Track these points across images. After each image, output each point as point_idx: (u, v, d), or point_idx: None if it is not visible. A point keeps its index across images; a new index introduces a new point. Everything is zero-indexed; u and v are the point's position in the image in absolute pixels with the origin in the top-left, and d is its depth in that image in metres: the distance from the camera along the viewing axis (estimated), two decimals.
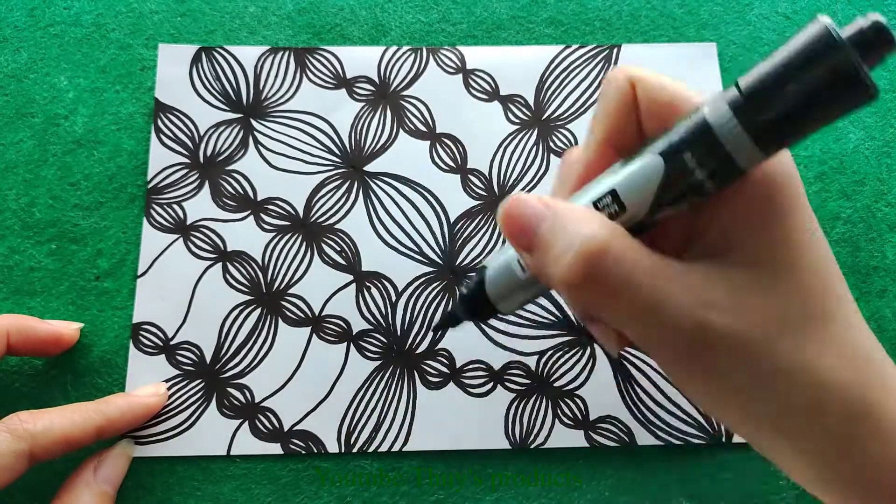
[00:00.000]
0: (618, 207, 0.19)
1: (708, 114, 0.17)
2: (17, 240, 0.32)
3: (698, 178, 0.18)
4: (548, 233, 0.19)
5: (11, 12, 0.36)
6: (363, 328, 0.32)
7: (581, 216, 0.19)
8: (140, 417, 0.29)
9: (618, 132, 0.21)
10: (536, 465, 0.30)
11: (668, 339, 0.19)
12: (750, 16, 0.37)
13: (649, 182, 0.18)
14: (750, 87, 0.16)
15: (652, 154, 0.18)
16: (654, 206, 0.19)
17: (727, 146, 0.17)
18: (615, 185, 0.19)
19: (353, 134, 0.34)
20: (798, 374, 0.18)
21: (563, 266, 0.19)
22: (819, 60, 0.15)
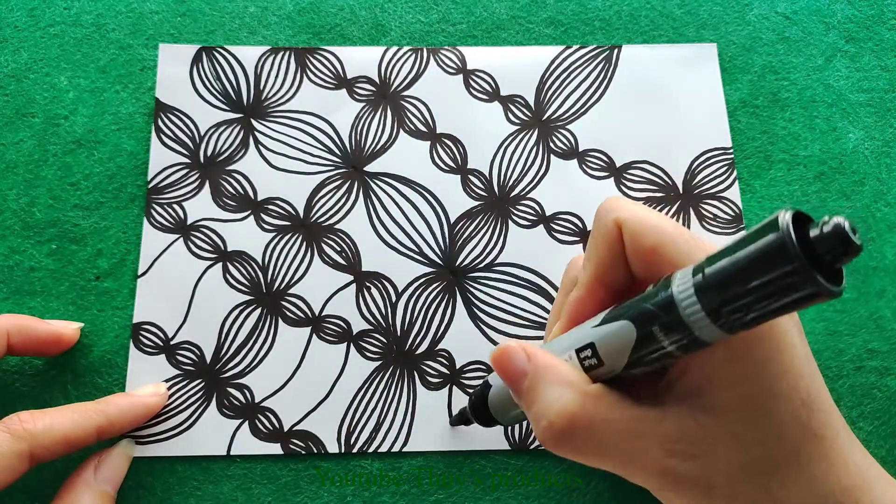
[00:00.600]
0: (596, 361, 0.21)
1: (675, 291, 0.18)
2: (17, 240, 0.32)
3: (665, 347, 0.19)
4: (528, 390, 0.21)
5: (11, 12, 0.36)
6: (363, 328, 0.32)
7: (558, 377, 0.21)
8: (140, 417, 0.29)
9: (607, 272, 0.22)
10: (536, 465, 0.30)
11: (638, 479, 0.21)
12: (750, 16, 0.37)
13: (623, 345, 0.20)
14: (711, 273, 0.17)
15: (625, 320, 0.20)
16: (629, 365, 0.20)
17: (690, 324, 0.18)
18: (595, 339, 0.21)
19: (354, 134, 0.34)
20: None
21: (540, 429, 0.21)
22: (772, 267, 0.15)
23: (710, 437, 0.20)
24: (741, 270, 0.16)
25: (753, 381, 0.19)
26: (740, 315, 0.17)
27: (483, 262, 0.33)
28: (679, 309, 0.18)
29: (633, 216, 0.21)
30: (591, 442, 0.20)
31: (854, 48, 0.37)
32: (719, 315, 0.17)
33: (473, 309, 0.32)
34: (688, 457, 0.20)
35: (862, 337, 0.32)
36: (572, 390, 0.20)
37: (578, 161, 0.34)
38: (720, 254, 0.17)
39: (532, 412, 0.21)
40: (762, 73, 0.36)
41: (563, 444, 0.20)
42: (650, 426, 0.20)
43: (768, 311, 0.16)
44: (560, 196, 0.34)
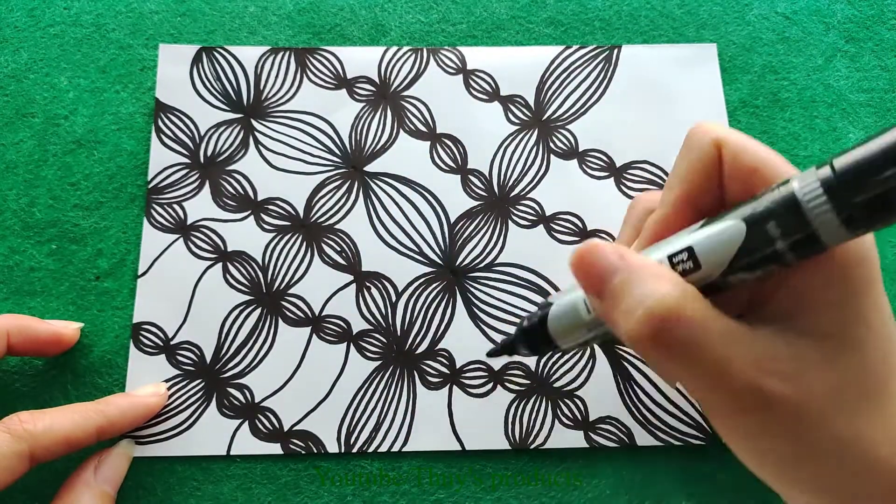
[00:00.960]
0: (692, 264, 0.19)
1: (797, 188, 0.17)
2: (17, 240, 0.32)
3: (778, 249, 0.18)
4: (620, 285, 0.20)
5: (11, 12, 0.36)
6: (363, 328, 0.32)
7: (655, 273, 0.19)
8: (140, 417, 0.29)
9: (699, 192, 0.21)
10: (536, 465, 0.30)
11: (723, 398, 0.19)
12: (750, 16, 0.37)
13: (729, 244, 0.19)
14: (844, 168, 0.16)
15: (735, 219, 0.19)
16: (729, 269, 0.19)
17: (813, 223, 0.17)
18: (693, 243, 0.20)
19: (354, 134, 0.34)
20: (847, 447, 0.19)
21: (633, 322, 0.19)
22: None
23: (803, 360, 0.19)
24: (875, 159, 0.15)
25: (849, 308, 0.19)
26: (873, 212, 0.16)
27: (483, 262, 0.33)
28: (802, 204, 0.17)
29: (733, 136, 0.21)
30: (688, 340, 0.18)
31: (854, 48, 0.37)
32: (848, 208, 0.16)
33: (473, 309, 0.32)
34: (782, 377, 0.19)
35: None
36: (672, 284, 0.19)
37: (578, 161, 0.34)
38: (849, 150, 0.16)
39: (623, 307, 0.19)
40: (762, 73, 0.36)
41: (657, 339, 0.19)
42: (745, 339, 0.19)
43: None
44: (560, 196, 0.34)
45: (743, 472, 0.30)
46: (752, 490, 0.30)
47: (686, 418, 0.30)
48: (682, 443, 0.30)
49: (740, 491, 0.29)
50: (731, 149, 0.21)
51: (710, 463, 0.30)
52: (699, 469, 0.30)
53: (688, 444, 0.30)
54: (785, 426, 0.19)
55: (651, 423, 0.30)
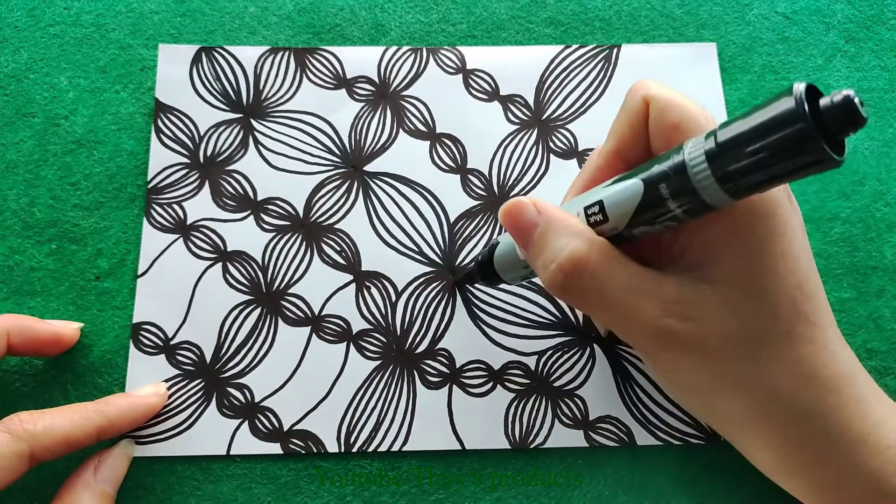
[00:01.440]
0: (602, 217, 0.21)
1: (686, 155, 0.19)
2: (17, 240, 0.32)
3: (670, 208, 0.19)
4: (538, 239, 0.22)
5: (11, 12, 0.36)
6: (363, 328, 0.32)
7: (567, 227, 0.22)
8: (140, 417, 0.29)
9: (627, 145, 0.23)
10: (536, 465, 0.30)
11: (635, 338, 0.22)
12: (750, 16, 0.37)
13: (629, 201, 0.20)
14: (723, 139, 0.18)
15: (636, 178, 0.20)
16: (631, 223, 0.21)
17: (697, 187, 0.18)
18: (604, 197, 0.21)
19: (353, 134, 0.34)
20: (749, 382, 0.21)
21: (547, 274, 0.22)
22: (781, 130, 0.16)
23: (707, 304, 0.21)
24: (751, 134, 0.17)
25: (754, 258, 0.20)
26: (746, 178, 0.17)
27: None
28: (688, 171, 0.18)
29: (661, 94, 0.22)
30: (596, 289, 0.21)
31: (854, 48, 0.37)
32: (726, 178, 0.18)
33: (473, 308, 0.32)
34: (684, 318, 0.21)
35: (861, 337, 0.32)
36: (581, 238, 0.21)
37: (578, 161, 0.34)
38: (732, 121, 0.18)
39: (541, 260, 0.22)
40: (762, 73, 0.36)
41: (568, 289, 0.21)
42: (652, 286, 0.21)
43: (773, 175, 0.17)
44: (560, 196, 0.34)
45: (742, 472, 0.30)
46: (751, 490, 0.30)
47: (686, 418, 0.30)
48: (681, 442, 0.30)
49: (740, 491, 0.29)
50: (657, 105, 0.22)
51: (709, 463, 0.30)
52: (699, 469, 0.30)
53: (688, 444, 0.30)
54: (692, 361, 0.21)
55: (651, 423, 0.30)
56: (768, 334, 0.21)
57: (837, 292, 0.33)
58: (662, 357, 0.22)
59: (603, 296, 0.21)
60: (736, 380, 0.21)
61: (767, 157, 0.17)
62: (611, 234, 0.22)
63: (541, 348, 0.31)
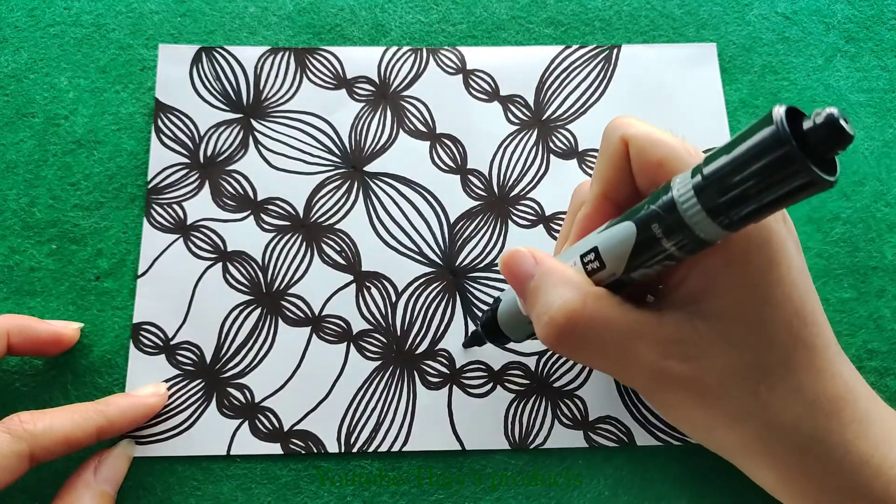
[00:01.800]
0: (599, 264, 0.21)
1: (675, 192, 0.18)
2: (17, 240, 0.32)
3: (666, 248, 0.19)
4: (534, 289, 0.22)
5: (11, 12, 0.36)
6: (363, 328, 0.32)
7: (561, 279, 0.21)
8: (140, 417, 0.29)
9: (613, 187, 0.23)
10: (536, 465, 0.30)
11: (634, 382, 0.22)
12: (750, 16, 0.37)
13: (623, 245, 0.20)
14: (709, 172, 0.17)
15: (628, 221, 0.20)
16: (629, 267, 0.20)
17: (689, 223, 0.18)
18: (598, 243, 0.21)
19: (354, 134, 0.34)
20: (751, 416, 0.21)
21: (541, 327, 0.21)
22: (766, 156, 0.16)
23: (705, 341, 0.20)
24: (737, 164, 0.16)
25: (749, 288, 0.20)
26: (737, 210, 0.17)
27: (483, 262, 0.33)
28: (678, 208, 0.18)
29: (638, 132, 0.22)
30: (591, 339, 0.21)
31: (854, 48, 0.37)
32: (717, 211, 0.17)
33: (473, 309, 0.32)
34: (683, 358, 0.20)
35: (861, 337, 0.32)
36: (574, 290, 0.21)
37: (578, 161, 0.34)
38: (716, 153, 0.17)
39: (535, 311, 0.22)
40: (762, 73, 0.36)
41: (563, 341, 0.21)
42: (648, 328, 0.21)
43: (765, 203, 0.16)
44: (560, 196, 0.34)
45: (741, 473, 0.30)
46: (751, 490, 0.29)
47: None
48: (681, 443, 0.30)
49: (740, 491, 0.29)
50: (636, 144, 0.22)
51: (709, 463, 0.30)
52: (699, 469, 0.30)
53: (687, 444, 0.30)
54: (692, 401, 0.21)
55: (651, 423, 0.30)
56: (766, 366, 0.20)
57: (838, 292, 0.33)
58: (661, 396, 0.22)
59: (599, 346, 0.21)
60: (735, 415, 0.21)
61: (756, 185, 0.16)
62: (610, 281, 0.21)
63: (541, 348, 0.31)
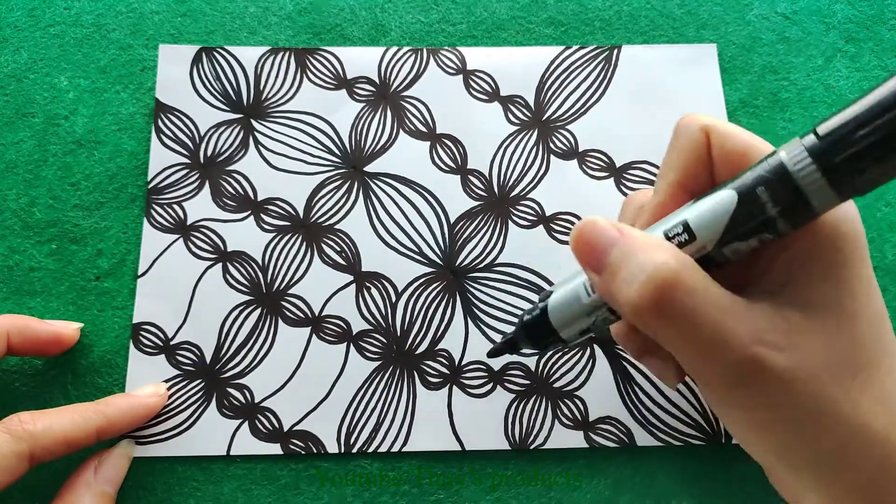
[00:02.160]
0: (687, 237, 0.20)
1: (784, 156, 0.17)
2: (17, 240, 0.32)
3: (770, 215, 0.18)
4: (619, 256, 0.20)
5: (11, 12, 0.36)
6: (363, 328, 0.32)
7: (653, 243, 0.20)
8: (140, 418, 0.29)
9: (691, 178, 0.22)
10: (536, 465, 0.30)
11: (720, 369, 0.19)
12: (750, 16, 0.37)
13: (721, 214, 0.19)
14: (827, 130, 0.16)
15: (726, 189, 0.19)
16: (723, 239, 0.19)
17: (802, 185, 0.17)
18: (688, 216, 0.20)
19: (354, 134, 0.34)
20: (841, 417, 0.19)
21: (633, 290, 0.19)
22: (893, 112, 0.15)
23: (797, 331, 0.19)
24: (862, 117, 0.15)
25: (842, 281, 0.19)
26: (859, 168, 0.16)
27: (483, 262, 0.33)
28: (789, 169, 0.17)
29: (720, 123, 0.21)
30: (688, 308, 0.19)
31: (854, 48, 0.37)
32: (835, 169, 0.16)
33: (473, 309, 0.32)
34: (775, 347, 0.19)
35: None
36: (670, 253, 0.19)
37: (578, 161, 0.34)
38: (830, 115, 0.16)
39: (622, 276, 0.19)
40: (762, 73, 0.36)
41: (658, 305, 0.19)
42: (741, 310, 0.19)
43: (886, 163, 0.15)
44: (560, 196, 0.34)
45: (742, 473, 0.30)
46: (751, 490, 0.29)
47: (686, 418, 0.30)
48: (681, 443, 0.30)
49: (740, 491, 0.29)
50: (719, 134, 0.21)
51: (709, 463, 0.30)
52: (699, 469, 0.30)
53: (688, 444, 0.30)
54: (780, 396, 0.19)
55: (651, 423, 0.30)
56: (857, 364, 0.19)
57: None
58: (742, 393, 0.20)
59: (695, 317, 0.19)
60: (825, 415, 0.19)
61: (884, 141, 0.15)
62: (698, 256, 0.20)
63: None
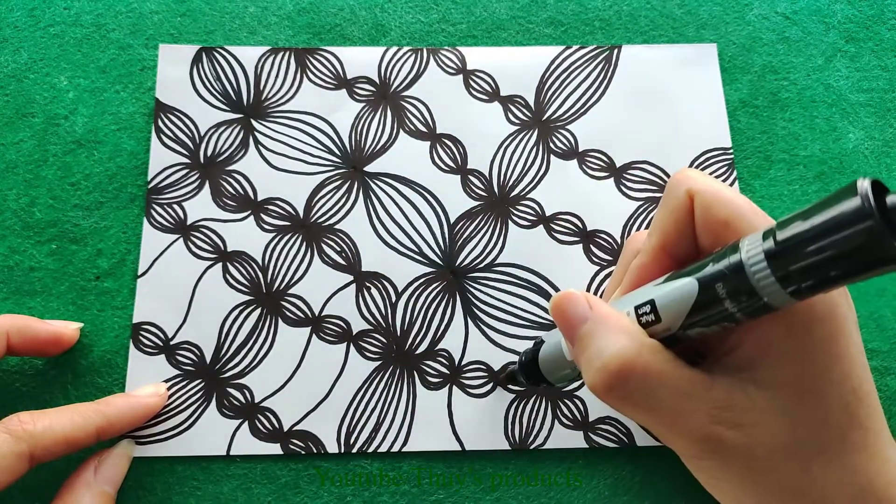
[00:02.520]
0: (654, 317, 0.20)
1: (744, 254, 0.18)
2: (17, 240, 0.32)
3: (728, 309, 0.19)
4: (587, 334, 0.21)
5: (11, 12, 0.36)
6: (363, 328, 0.32)
7: (617, 326, 0.20)
8: (140, 417, 0.29)
9: (673, 242, 0.22)
10: (536, 465, 0.30)
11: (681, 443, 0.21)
12: (750, 16, 0.37)
13: (683, 302, 0.20)
14: (785, 237, 0.17)
15: (690, 277, 0.19)
16: (686, 324, 0.20)
17: (756, 287, 0.17)
18: (655, 296, 0.21)
19: (354, 134, 0.34)
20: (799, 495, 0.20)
21: (591, 372, 0.20)
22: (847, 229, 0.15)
23: (758, 410, 0.19)
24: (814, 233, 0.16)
25: (809, 362, 0.19)
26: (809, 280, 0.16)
27: (483, 262, 0.33)
28: (747, 271, 0.18)
29: (706, 188, 0.21)
30: (642, 392, 0.20)
31: (854, 48, 0.37)
32: (788, 278, 0.17)
33: (473, 309, 0.32)
34: (733, 425, 0.19)
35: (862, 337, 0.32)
36: (630, 338, 0.20)
37: (578, 161, 0.34)
38: (791, 219, 0.17)
39: (585, 356, 0.21)
40: (762, 73, 0.36)
41: (613, 390, 0.20)
42: (701, 389, 0.20)
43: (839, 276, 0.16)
44: (560, 196, 0.34)
45: None
46: None
47: None
48: None
49: None
50: (703, 200, 0.21)
51: None
52: None
53: None
54: (738, 472, 0.20)
55: None
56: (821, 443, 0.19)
57: None
58: (706, 464, 0.21)
59: (650, 400, 0.20)
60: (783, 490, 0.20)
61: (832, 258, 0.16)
62: (663, 336, 0.21)
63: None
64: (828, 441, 0.19)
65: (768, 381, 0.20)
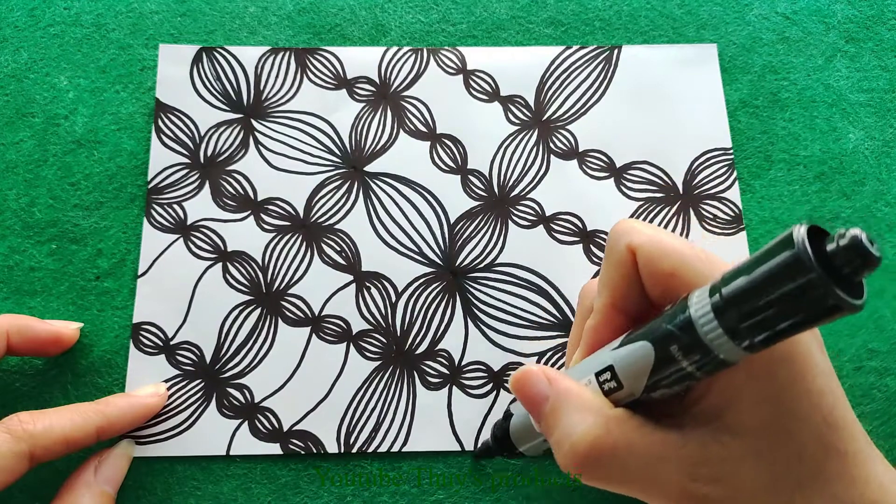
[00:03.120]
0: (616, 384, 0.20)
1: (693, 312, 0.18)
2: (17, 240, 0.32)
3: (685, 368, 0.18)
4: (549, 414, 0.21)
5: (11, 12, 0.36)
6: (363, 328, 0.32)
7: (578, 403, 0.20)
8: (140, 417, 0.29)
9: (623, 297, 0.22)
10: (536, 466, 0.30)
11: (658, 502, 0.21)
12: (750, 16, 0.37)
13: (642, 366, 0.19)
14: (729, 293, 0.17)
15: (644, 341, 0.19)
16: (648, 387, 0.20)
17: (709, 344, 0.17)
18: (613, 362, 0.20)
19: (354, 134, 0.34)
20: None
21: (561, 455, 0.20)
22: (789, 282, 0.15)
23: (733, 459, 0.19)
24: (758, 288, 0.16)
25: (775, 403, 0.19)
26: (760, 334, 0.16)
27: (483, 262, 0.33)
28: (698, 330, 0.17)
29: (646, 240, 0.21)
30: (615, 467, 0.20)
31: (854, 48, 0.37)
32: (739, 334, 0.17)
33: (473, 309, 0.32)
34: (711, 480, 0.19)
35: (861, 337, 0.32)
36: (594, 415, 0.20)
37: (578, 161, 0.34)
38: (736, 273, 0.17)
39: (553, 438, 0.21)
40: (762, 73, 0.36)
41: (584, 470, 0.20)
42: (673, 450, 0.20)
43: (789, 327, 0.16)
44: (560, 196, 0.34)
45: None
46: None
47: None
48: None
49: None
50: (645, 253, 0.21)
51: None
52: None
53: None
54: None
55: None
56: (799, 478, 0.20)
57: None
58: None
59: (624, 473, 0.20)
60: None
61: (779, 310, 0.15)
62: (628, 401, 0.20)
63: (541, 349, 0.31)
64: (805, 476, 0.19)
65: (739, 428, 0.20)
